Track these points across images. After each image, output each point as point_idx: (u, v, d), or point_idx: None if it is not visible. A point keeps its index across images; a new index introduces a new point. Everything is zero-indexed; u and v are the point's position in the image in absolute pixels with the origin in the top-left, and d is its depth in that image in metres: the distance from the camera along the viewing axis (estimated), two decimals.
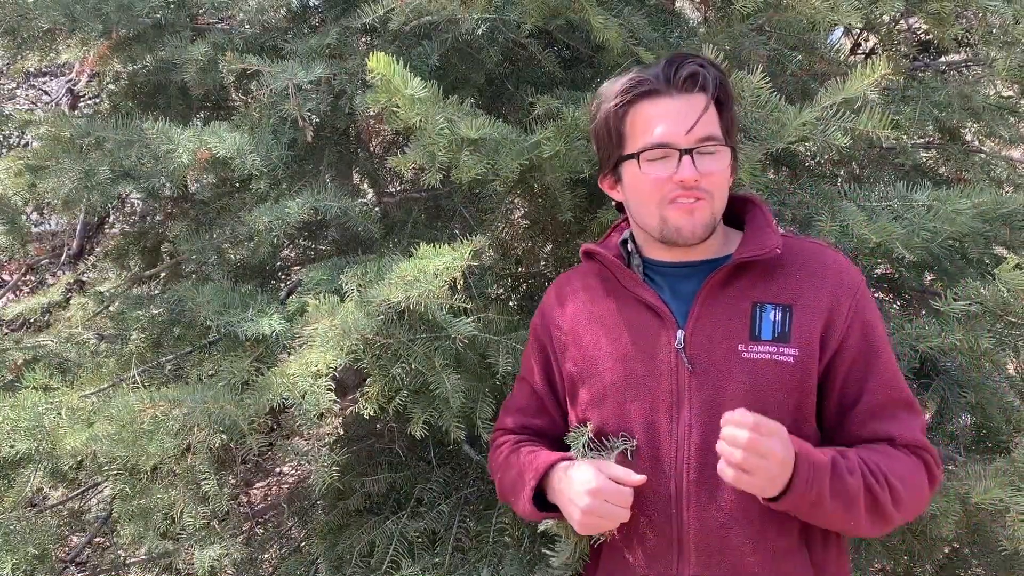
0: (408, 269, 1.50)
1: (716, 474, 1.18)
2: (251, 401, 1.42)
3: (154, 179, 1.91)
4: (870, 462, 1.17)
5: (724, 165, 1.24)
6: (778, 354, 1.22)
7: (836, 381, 1.25)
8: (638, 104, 1.25)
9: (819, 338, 1.23)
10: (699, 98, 1.22)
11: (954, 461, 1.86)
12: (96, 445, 1.34)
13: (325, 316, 1.48)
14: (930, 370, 1.96)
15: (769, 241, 1.25)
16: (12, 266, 4.36)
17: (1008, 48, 1.96)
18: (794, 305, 1.24)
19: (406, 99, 1.47)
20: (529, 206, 2.37)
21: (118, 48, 2.21)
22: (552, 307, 1.42)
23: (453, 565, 1.81)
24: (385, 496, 2.11)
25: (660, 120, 1.22)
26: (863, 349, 1.24)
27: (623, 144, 1.27)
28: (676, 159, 1.21)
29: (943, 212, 1.64)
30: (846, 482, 1.13)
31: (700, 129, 1.21)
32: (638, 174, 1.25)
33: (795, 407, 1.22)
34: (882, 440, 1.22)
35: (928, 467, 1.23)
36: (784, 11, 1.69)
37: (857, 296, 1.25)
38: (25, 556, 1.79)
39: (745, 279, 1.26)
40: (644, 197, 1.26)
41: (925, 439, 1.24)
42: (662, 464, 1.24)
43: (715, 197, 1.24)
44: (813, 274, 1.26)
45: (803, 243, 1.33)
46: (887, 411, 1.24)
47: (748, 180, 1.59)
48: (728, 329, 1.24)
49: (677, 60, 1.23)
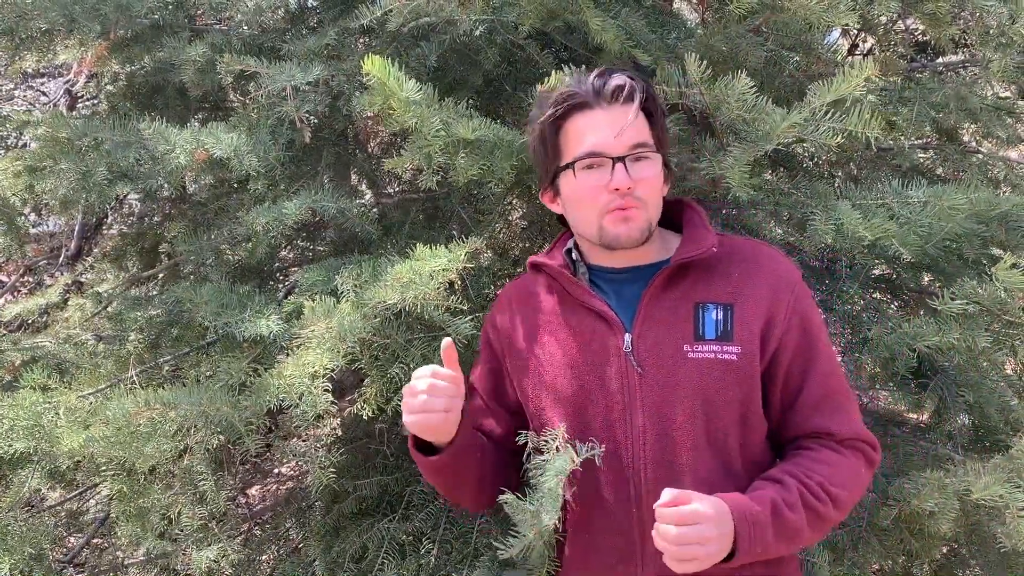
0: (404, 271, 1.50)
1: (672, 472, 1.25)
2: (248, 403, 1.42)
3: (152, 180, 1.91)
4: (811, 480, 1.23)
5: (656, 171, 1.29)
6: (722, 352, 1.26)
7: (779, 375, 1.30)
8: (570, 117, 1.29)
9: (760, 334, 1.28)
10: (628, 108, 1.26)
11: (952, 460, 1.87)
12: (93, 446, 1.34)
13: (321, 318, 1.48)
14: (928, 369, 1.96)
15: (705, 241, 1.31)
16: (10, 267, 4.36)
17: (1005, 49, 1.96)
18: (734, 303, 1.29)
19: (401, 101, 1.48)
20: (527, 207, 2.38)
21: (116, 49, 2.21)
22: (502, 318, 1.44)
23: (437, 566, 1.82)
24: (378, 499, 2.11)
25: (591, 131, 1.27)
26: (803, 343, 1.30)
27: (559, 157, 1.31)
28: (610, 167, 1.26)
29: (939, 208, 1.64)
30: (788, 521, 1.19)
31: (630, 136, 1.26)
32: (574, 184, 1.29)
33: (741, 403, 1.27)
34: (822, 436, 1.29)
35: (866, 456, 1.31)
36: (781, 12, 1.69)
37: (795, 292, 1.31)
38: (23, 557, 1.79)
39: (686, 280, 1.31)
40: (582, 206, 1.31)
41: (862, 428, 1.32)
42: (621, 466, 1.28)
43: (649, 204, 1.29)
44: (751, 272, 1.31)
45: (740, 242, 1.38)
46: (828, 403, 1.29)
47: (737, 183, 1.60)
48: (673, 330, 1.28)
49: (605, 73, 1.29)
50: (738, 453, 1.28)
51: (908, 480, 1.75)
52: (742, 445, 1.29)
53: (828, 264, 2.14)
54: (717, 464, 1.27)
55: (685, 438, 1.26)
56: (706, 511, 1.13)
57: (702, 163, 1.70)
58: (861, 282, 2.06)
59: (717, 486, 1.23)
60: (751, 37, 1.81)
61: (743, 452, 1.29)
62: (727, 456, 1.27)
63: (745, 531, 1.15)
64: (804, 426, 1.30)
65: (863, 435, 1.31)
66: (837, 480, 1.24)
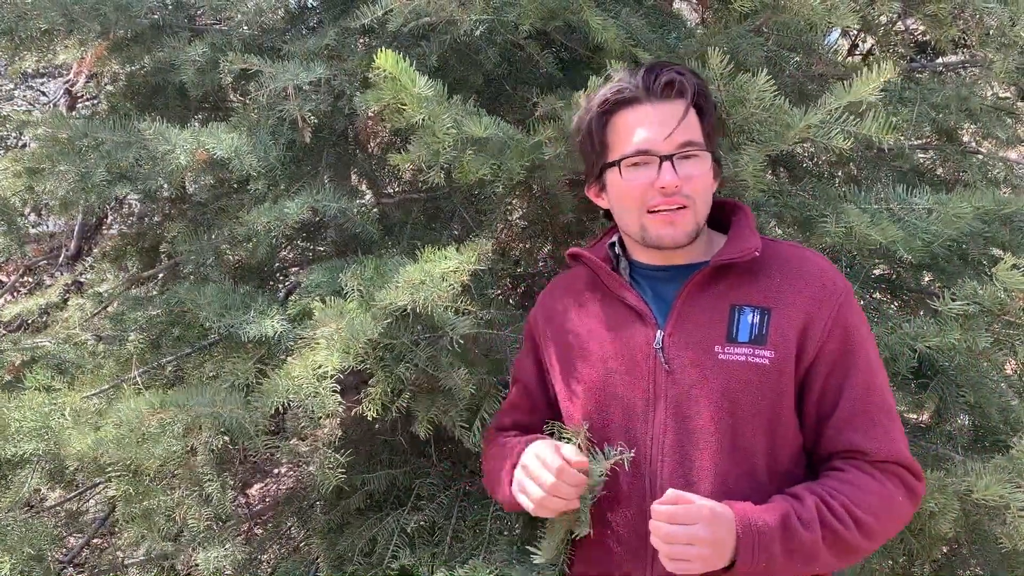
0: (414, 273, 1.49)
1: (690, 471, 1.23)
2: (258, 403, 1.42)
3: (152, 180, 1.91)
4: (833, 500, 1.17)
5: (705, 169, 1.26)
6: (753, 356, 1.23)
7: (815, 386, 1.25)
8: (618, 113, 1.27)
9: (796, 341, 1.23)
10: (678, 105, 1.24)
11: (952, 460, 1.87)
12: (103, 448, 1.34)
13: (332, 319, 1.47)
14: (928, 370, 1.97)
15: (748, 244, 1.27)
16: (10, 267, 4.35)
17: (1005, 50, 1.96)
18: (773, 308, 1.25)
19: (413, 97, 1.46)
20: (528, 207, 2.38)
21: (116, 49, 2.20)
22: (544, 309, 1.44)
23: (452, 555, 1.82)
24: (386, 493, 2.11)
25: (640, 127, 1.24)
26: (843, 355, 1.24)
27: (606, 152, 1.29)
28: (657, 165, 1.23)
29: (944, 216, 1.64)
30: (801, 538, 1.13)
31: (679, 135, 1.23)
32: (620, 181, 1.27)
33: (770, 409, 1.23)
34: (855, 455, 1.22)
35: (905, 482, 1.23)
36: (781, 12, 1.70)
37: (840, 302, 1.25)
38: (22, 557, 1.79)
39: (725, 282, 1.28)
40: (626, 204, 1.28)
41: (902, 451, 1.23)
42: (638, 461, 1.26)
43: (697, 202, 1.26)
44: (793, 278, 1.27)
45: (786, 247, 1.34)
46: (863, 418, 1.23)
47: (752, 182, 1.59)
48: (706, 330, 1.26)
49: (656, 68, 1.26)
50: (764, 462, 1.23)
51: None
52: (769, 455, 1.24)
53: None
54: (740, 470, 1.23)
55: (707, 440, 1.23)
56: (702, 511, 1.11)
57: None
58: (862, 282, 2.06)
59: (738, 493, 1.20)
60: (752, 37, 1.81)
61: (770, 462, 1.24)
62: (752, 464, 1.23)
63: (748, 540, 1.11)
64: (837, 442, 1.23)
65: (902, 459, 1.23)
66: (864, 504, 1.17)
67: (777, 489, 1.23)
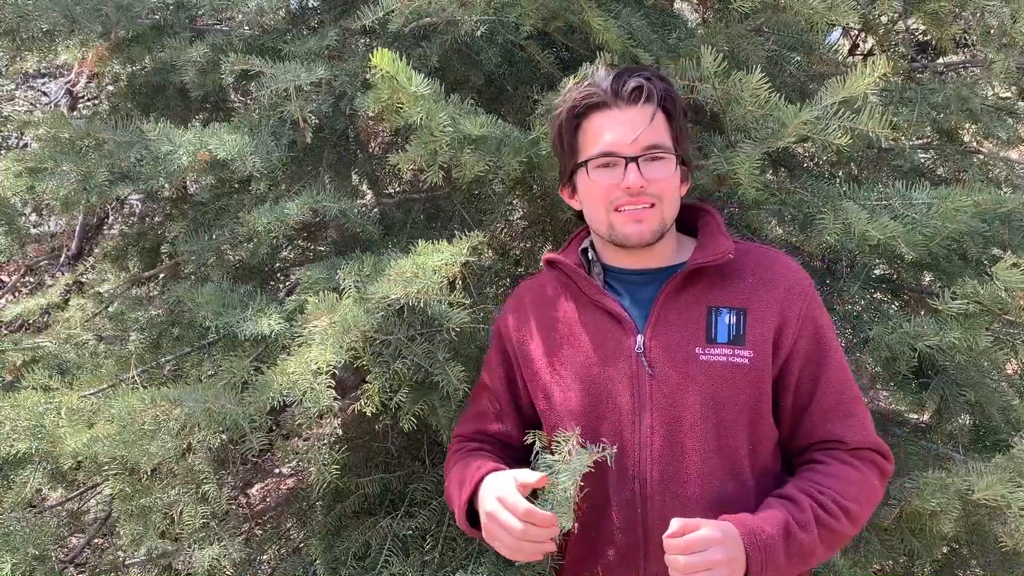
0: (407, 265, 1.50)
1: (678, 475, 1.25)
2: (252, 400, 1.42)
3: (153, 180, 1.91)
4: (824, 496, 1.22)
5: (671, 172, 1.30)
6: (734, 356, 1.27)
7: (790, 381, 1.30)
8: (588, 117, 1.31)
9: (772, 340, 1.28)
10: (646, 109, 1.27)
11: (953, 460, 1.87)
12: (97, 446, 1.34)
13: (324, 313, 1.48)
14: (929, 369, 1.97)
15: (721, 247, 1.31)
16: (11, 267, 4.36)
17: (1006, 49, 1.96)
18: (748, 308, 1.29)
19: (410, 96, 1.47)
20: (528, 207, 2.38)
21: (117, 49, 2.21)
22: (515, 319, 1.45)
23: (442, 563, 1.82)
24: (380, 497, 2.11)
25: (607, 130, 1.28)
26: (815, 350, 1.30)
27: (576, 154, 1.33)
28: (623, 167, 1.27)
29: (943, 210, 1.65)
30: (801, 542, 1.18)
31: (645, 138, 1.27)
32: (588, 181, 1.31)
33: (751, 407, 1.27)
34: (834, 444, 1.28)
35: (878, 465, 1.30)
36: (782, 11, 1.70)
37: (807, 298, 1.31)
38: (25, 557, 1.79)
39: (700, 284, 1.31)
40: (594, 203, 1.32)
41: (874, 436, 1.31)
42: (626, 466, 1.28)
43: (664, 202, 1.30)
44: (765, 279, 1.32)
45: (756, 249, 1.38)
46: (839, 409, 1.29)
47: (746, 180, 1.60)
48: (685, 333, 1.29)
49: (624, 74, 1.30)
50: (747, 459, 1.28)
51: (909, 480, 1.76)
52: (751, 451, 1.28)
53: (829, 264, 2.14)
54: (725, 468, 1.26)
55: (693, 441, 1.26)
56: (714, 535, 1.13)
57: (710, 160, 1.70)
58: (862, 282, 2.06)
59: (724, 490, 1.24)
60: (752, 37, 1.82)
61: (752, 458, 1.29)
62: (736, 461, 1.27)
63: (757, 557, 1.15)
64: (814, 433, 1.30)
65: (875, 444, 1.31)
66: (850, 494, 1.24)
67: (758, 486, 1.27)
